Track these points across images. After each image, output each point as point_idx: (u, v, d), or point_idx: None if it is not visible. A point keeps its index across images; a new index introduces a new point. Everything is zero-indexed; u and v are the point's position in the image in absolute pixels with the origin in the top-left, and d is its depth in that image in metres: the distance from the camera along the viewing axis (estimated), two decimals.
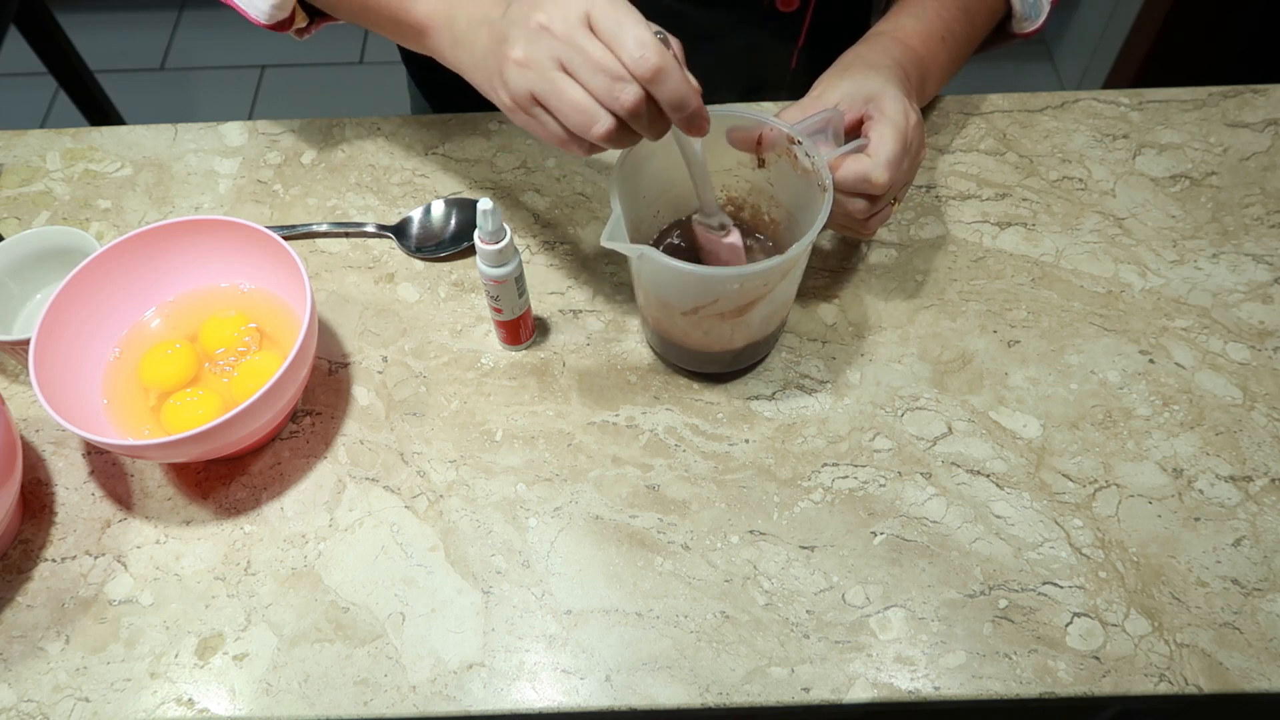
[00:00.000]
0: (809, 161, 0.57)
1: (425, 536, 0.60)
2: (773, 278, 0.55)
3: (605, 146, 0.50)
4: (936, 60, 0.68)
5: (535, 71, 0.48)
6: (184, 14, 2.24)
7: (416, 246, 0.72)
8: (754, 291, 0.56)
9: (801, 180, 0.59)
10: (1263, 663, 0.54)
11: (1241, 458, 0.62)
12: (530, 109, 0.50)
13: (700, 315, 0.58)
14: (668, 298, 0.58)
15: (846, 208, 0.59)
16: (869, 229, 0.62)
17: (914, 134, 0.59)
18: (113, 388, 0.62)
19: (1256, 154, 0.77)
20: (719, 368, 0.64)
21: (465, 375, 0.66)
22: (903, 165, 0.58)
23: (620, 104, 0.47)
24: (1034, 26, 0.75)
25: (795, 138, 0.57)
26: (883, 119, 0.58)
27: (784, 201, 0.62)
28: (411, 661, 0.55)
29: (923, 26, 0.67)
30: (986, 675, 0.54)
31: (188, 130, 0.80)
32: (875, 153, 0.57)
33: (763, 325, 0.60)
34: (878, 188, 0.57)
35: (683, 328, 0.60)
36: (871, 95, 0.59)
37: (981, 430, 0.63)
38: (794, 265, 0.56)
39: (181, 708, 0.54)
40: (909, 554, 0.58)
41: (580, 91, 0.47)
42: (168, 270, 0.65)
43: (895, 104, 0.58)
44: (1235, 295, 0.69)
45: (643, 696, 0.54)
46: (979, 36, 0.73)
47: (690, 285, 0.56)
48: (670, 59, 0.46)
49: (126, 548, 0.60)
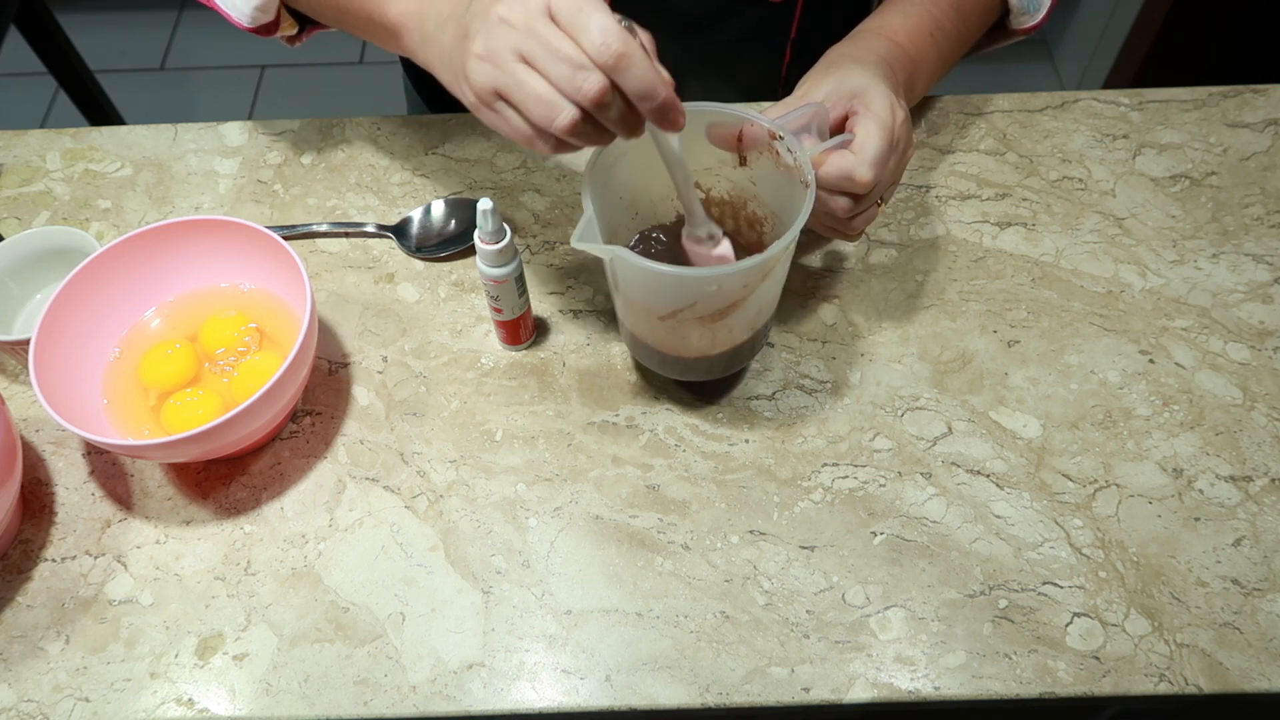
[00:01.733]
0: (791, 158, 0.54)
1: (425, 536, 0.60)
2: (753, 278, 0.53)
3: (574, 142, 0.47)
4: (925, 58, 0.66)
5: (495, 64, 0.47)
6: (184, 14, 2.24)
7: (416, 246, 0.72)
8: (734, 294, 0.53)
9: (784, 178, 0.56)
10: (1263, 663, 0.54)
11: (1241, 458, 0.62)
12: (493, 104, 0.48)
13: (678, 320, 0.55)
14: (644, 301, 0.56)
15: (829, 206, 0.58)
16: (853, 229, 0.60)
17: (901, 131, 0.57)
18: (113, 388, 0.62)
19: (1256, 154, 0.77)
20: (698, 376, 0.62)
21: (465, 375, 0.66)
22: (889, 163, 0.57)
23: (583, 94, 0.45)
24: (1033, 22, 0.74)
25: (777, 133, 0.55)
26: (868, 115, 0.56)
27: (768, 201, 0.60)
28: (411, 661, 0.55)
29: (910, 23, 0.66)
30: (986, 675, 0.54)
31: (188, 130, 0.80)
32: (860, 149, 0.55)
33: (744, 331, 0.58)
34: (862, 186, 0.55)
35: (660, 334, 0.58)
36: (857, 91, 0.58)
37: (981, 430, 0.63)
38: (775, 265, 0.54)
39: (181, 708, 0.54)
40: (909, 554, 0.58)
41: (541, 82, 0.46)
42: (168, 270, 0.65)
43: (881, 100, 0.57)
44: (1235, 295, 0.69)
45: (643, 696, 0.54)
46: (972, 34, 0.72)
47: (666, 288, 0.54)
48: (635, 46, 0.44)
49: (126, 548, 0.60)
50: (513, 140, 0.48)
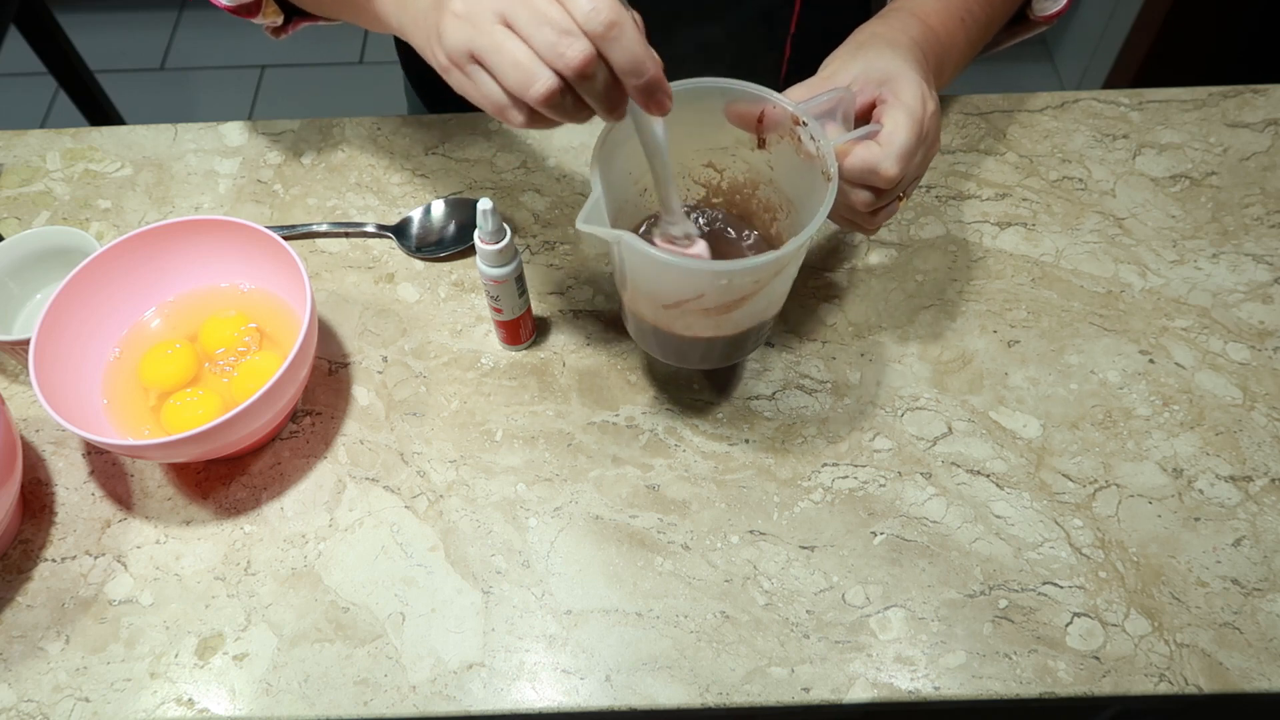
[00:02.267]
0: (814, 145, 0.52)
1: (425, 536, 0.60)
2: (765, 274, 0.51)
3: (549, 116, 0.45)
4: (955, 44, 0.63)
5: (474, 25, 0.44)
6: (184, 14, 2.24)
7: (416, 246, 0.72)
8: (743, 289, 0.51)
9: (804, 165, 0.54)
10: (1263, 663, 0.54)
11: (1241, 458, 0.62)
12: (466, 67, 0.45)
13: (683, 310, 0.53)
14: (649, 289, 0.54)
15: (850, 199, 0.55)
16: (873, 224, 0.58)
17: (930, 124, 0.54)
18: (113, 388, 0.62)
19: (1256, 154, 0.77)
20: (697, 364, 0.61)
21: (465, 375, 0.66)
22: (915, 157, 0.53)
23: (565, 61, 0.42)
24: (1056, 9, 0.72)
25: (800, 118, 0.52)
26: (898, 105, 0.53)
27: (784, 187, 0.57)
28: (411, 661, 0.55)
29: (942, 5, 0.63)
30: (986, 675, 0.54)
31: (188, 130, 0.80)
32: (887, 142, 0.52)
33: (749, 322, 0.56)
34: (886, 180, 0.52)
35: (663, 319, 0.55)
36: (887, 77, 0.54)
37: (981, 430, 0.63)
38: (790, 262, 0.53)
39: (181, 708, 0.54)
40: (909, 554, 0.58)
41: (521, 47, 0.43)
42: (168, 270, 0.65)
43: (912, 89, 0.54)
44: (1235, 295, 0.69)
45: (643, 696, 0.54)
46: (997, 23, 0.69)
47: (672, 278, 0.52)
48: (627, 17, 0.42)
49: (126, 548, 0.60)
50: (482, 108, 0.46)
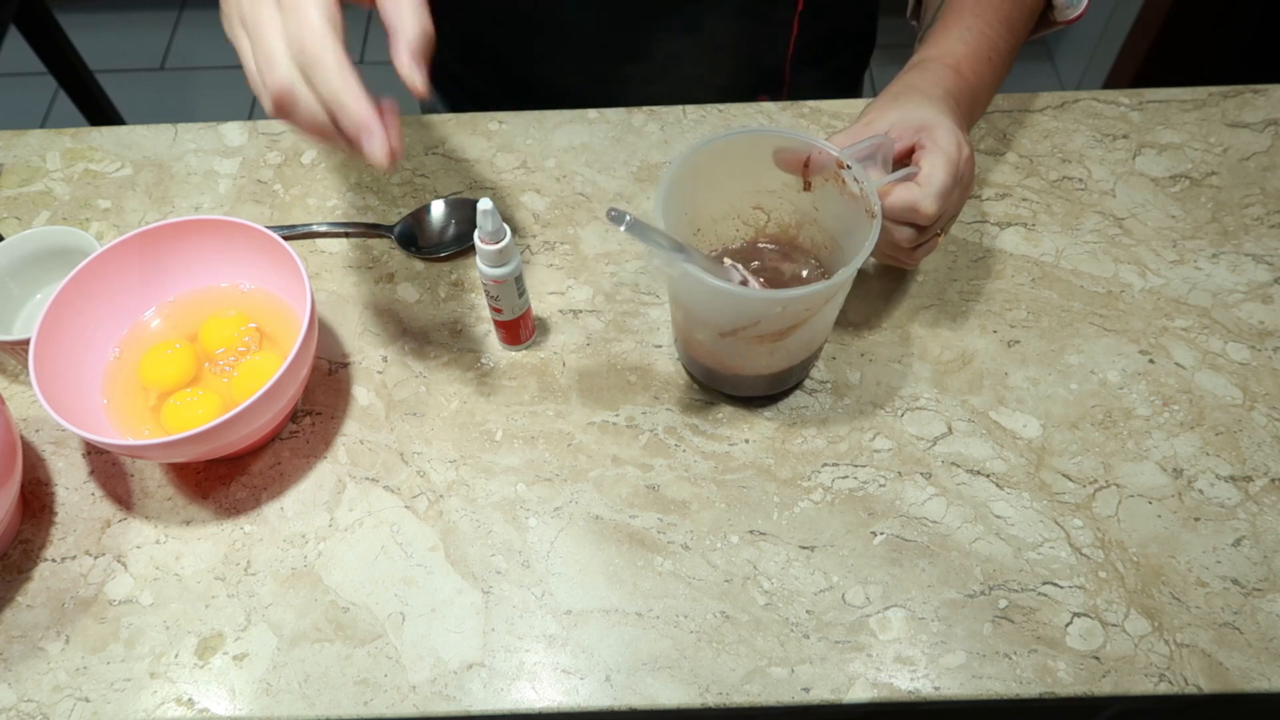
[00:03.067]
0: (857, 187, 0.56)
1: (425, 536, 0.60)
2: (816, 302, 0.55)
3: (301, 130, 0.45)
4: (984, 83, 0.67)
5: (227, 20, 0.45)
6: (184, 14, 2.24)
7: (417, 246, 0.72)
8: (796, 315, 0.55)
9: (848, 205, 0.58)
10: (1263, 663, 0.54)
11: (1241, 458, 0.62)
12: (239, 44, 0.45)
13: (739, 337, 0.57)
14: (706, 317, 0.58)
15: (893, 236, 0.59)
16: (914, 259, 0.62)
17: (965, 167, 0.58)
18: (113, 388, 0.62)
19: (1256, 154, 0.77)
20: (752, 391, 0.64)
21: (465, 375, 0.66)
22: (952, 196, 0.58)
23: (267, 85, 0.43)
24: (1076, 13, 0.74)
25: (844, 162, 0.56)
26: (935, 149, 0.57)
27: (829, 226, 0.61)
28: (411, 661, 0.55)
29: (969, 49, 0.66)
30: (986, 675, 0.54)
31: (188, 130, 0.80)
32: (926, 182, 0.56)
33: (801, 350, 0.60)
34: (926, 218, 0.56)
35: (718, 350, 0.59)
36: (924, 125, 0.58)
37: (981, 430, 0.63)
38: (839, 290, 0.56)
39: (181, 708, 0.54)
40: (909, 554, 0.58)
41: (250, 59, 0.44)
42: (168, 270, 0.65)
43: (949, 135, 0.58)
44: (1235, 295, 0.69)
45: (643, 696, 0.54)
46: (1019, 46, 0.72)
47: (730, 306, 0.56)
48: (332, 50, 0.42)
49: (126, 548, 0.60)
50: None
